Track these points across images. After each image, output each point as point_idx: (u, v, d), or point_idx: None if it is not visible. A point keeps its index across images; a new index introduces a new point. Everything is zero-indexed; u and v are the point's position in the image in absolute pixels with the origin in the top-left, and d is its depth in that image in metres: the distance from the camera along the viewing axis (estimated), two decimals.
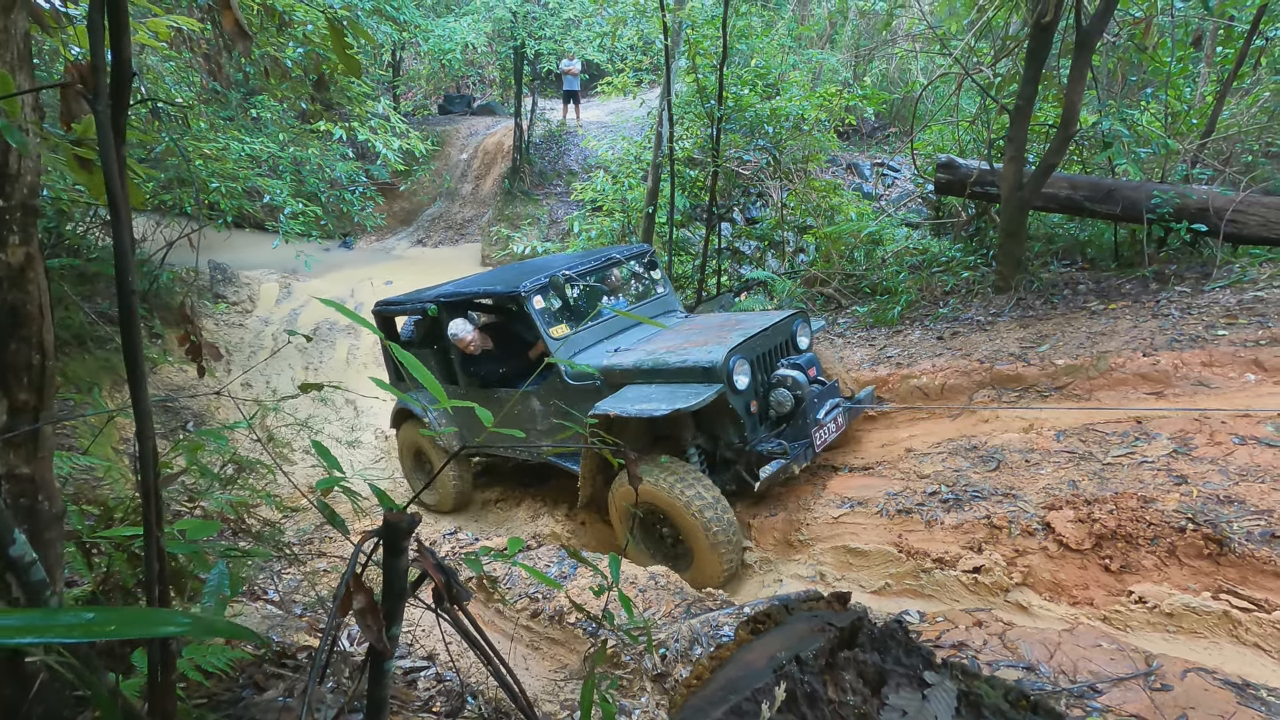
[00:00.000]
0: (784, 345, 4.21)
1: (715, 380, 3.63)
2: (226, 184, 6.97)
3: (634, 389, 3.82)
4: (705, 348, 3.82)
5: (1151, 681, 2.06)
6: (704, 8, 8.77)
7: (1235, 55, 6.13)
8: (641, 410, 3.50)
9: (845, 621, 0.69)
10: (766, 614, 0.82)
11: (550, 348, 4.22)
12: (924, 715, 0.58)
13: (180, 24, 3.20)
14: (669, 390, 3.66)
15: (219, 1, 1.48)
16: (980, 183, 6.61)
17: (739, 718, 0.55)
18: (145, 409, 0.83)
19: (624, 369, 3.98)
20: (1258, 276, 5.24)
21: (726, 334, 4.02)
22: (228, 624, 0.70)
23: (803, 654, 0.61)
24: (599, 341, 4.45)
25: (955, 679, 0.64)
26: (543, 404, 4.37)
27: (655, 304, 5.05)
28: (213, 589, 1.34)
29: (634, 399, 3.65)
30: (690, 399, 3.47)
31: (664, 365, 3.82)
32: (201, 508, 2.81)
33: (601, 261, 4.83)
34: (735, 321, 4.39)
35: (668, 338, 4.25)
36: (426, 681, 2.80)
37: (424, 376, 1.17)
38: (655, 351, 3.98)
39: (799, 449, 3.82)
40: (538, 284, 4.32)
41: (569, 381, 4.17)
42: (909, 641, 0.68)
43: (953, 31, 7.31)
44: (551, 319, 4.34)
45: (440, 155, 14.59)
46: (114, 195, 0.77)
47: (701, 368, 3.69)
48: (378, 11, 9.28)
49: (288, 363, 7.77)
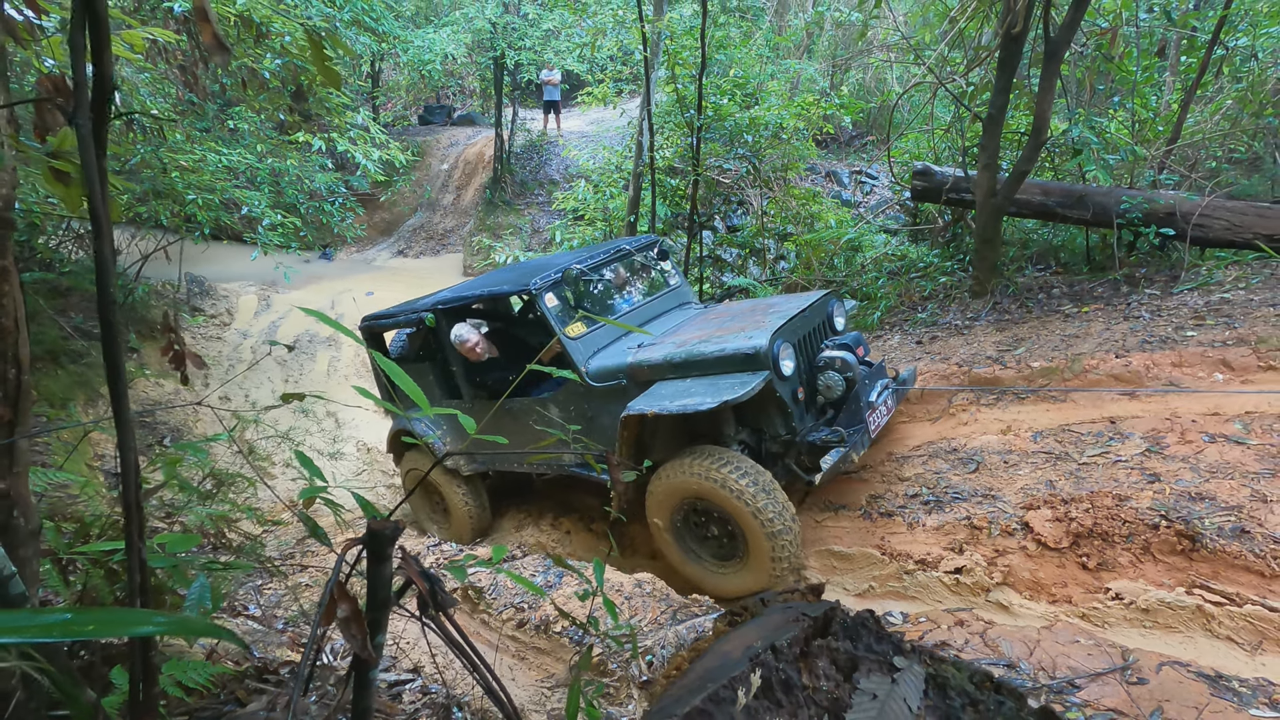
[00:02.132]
0: (821, 327, 3.94)
1: (759, 367, 3.35)
2: (204, 196, 6.90)
3: (667, 385, 3.54)
4: (743, 334, 3.52)
5: (1128, 676, 2.11)
6: (682, 19, 8.86)
7: (1198, 64, 6.31)
8: (684, 406, 3.21)
9: (819, 612, 0.71)
10: (743, 607, 0.85)
11: (568, 349, 3.88)
12: (893, 698, 0.61)
13: (156, 35, 3.18)
14: (708, 383, 3.39)
15: (197, 15, 1.48)
16: (956, 189, 6.73)
17: (716, 705, 0.57)
18: (127, 420, 0.83)
19: (652, 364, 3.66)
20: (1224, 279, 5.38)
21: (762, 318, 3.73)
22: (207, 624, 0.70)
23: (778, 643, 0.63)
24: (617, 338, 4.13)
25: (923, 663, 0.67)
26: (562, 411, 4.06)
27: (669, 296, 4.71)
28: (193, 603, 1.33)
29: (670, 395, 3.38)
30: (736, 389, 3.20)
31: (699, 356, 3.53)
32: (180, 522, 2.78)
33: (611, 254, 4.51)
34: (766, 306, 4.09)
35: (695, 328, 3.97)
36: (412, 694, 2.78)
37: (409, 387, 1.17)
38: (686, 343, 3.68)
39: (856, 436, 3.51)
40: (549, 280, 4.01)
41: (591, 384, 3.86)
42: (879, 629, 0.70)
43: (926, 41, 7.45)
44: (565, 317, 4.02)
45: (421, 166, 14.55)
46: (95, 210, 0.78)
47: (743, 355, 3.39)
48: (356, 22, 9.26)
49: (267, 375, 7.69)
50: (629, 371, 3.75)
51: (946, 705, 0.63)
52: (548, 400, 4.08)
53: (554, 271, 4.10)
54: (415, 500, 5.11)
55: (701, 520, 3.53)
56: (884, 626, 0.70)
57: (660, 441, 3.77)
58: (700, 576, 3.57)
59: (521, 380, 4.30)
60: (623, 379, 3.78)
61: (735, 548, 3.40)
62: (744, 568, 3.35)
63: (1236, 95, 6.60)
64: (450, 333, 4.30)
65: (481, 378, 4.44)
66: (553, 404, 4.07)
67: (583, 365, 3.87)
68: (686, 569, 3.63)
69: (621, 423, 3.48)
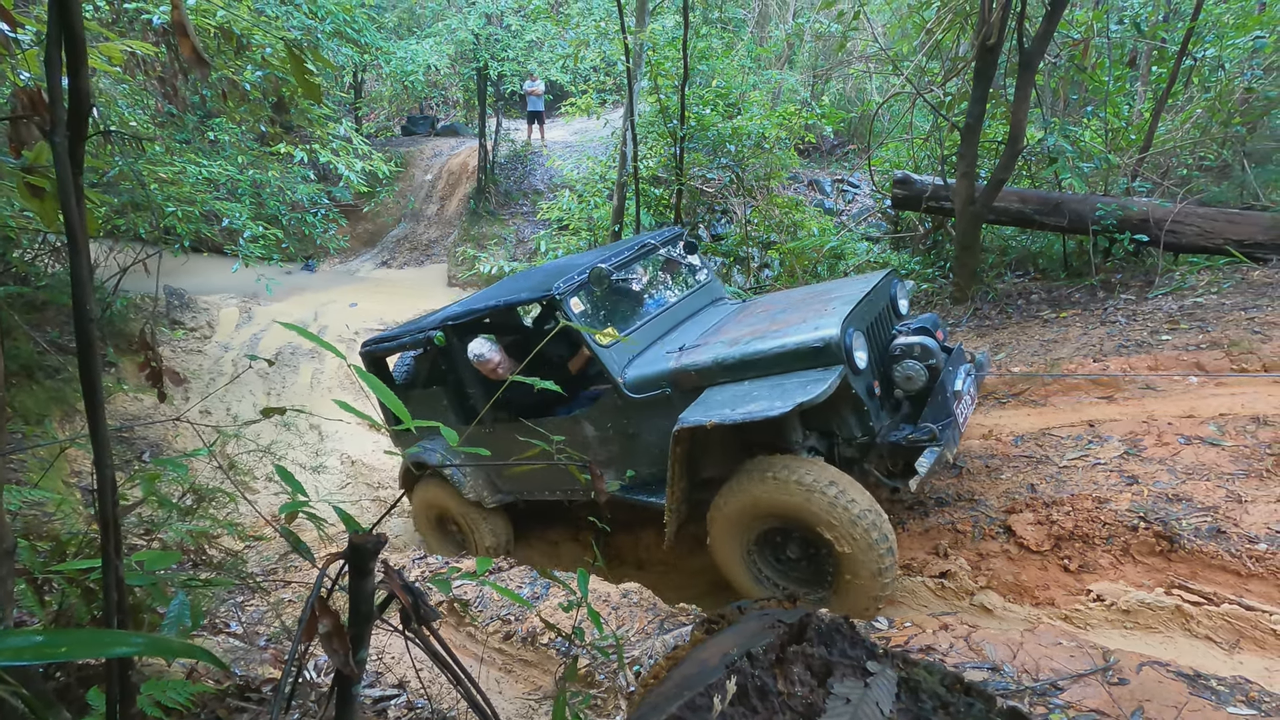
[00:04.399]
0: (886, 311, 3.55)
1: (830, 361, 2.95)
2: (183, 208, 6.84)
3: (720, 391, 3.14)
4: (806, 325, 3.13)
5: (1109, 676, 2.13)
6: (665, 30, 8.94)
7: (1168, 74, 6.47)
8: (749, 414, 2.81)
9: (794, 618, 0.72)
10: (721, 615, 0.85)
11: (601, 359, 3.48)
12: (866, 701, 0.62)
13: (134, 48, 3.16)
14: (771, 384, 3.00)
15: (176, 29, 1.48)
16: (935, 198, 6.83)
17: (693, 712, 0.57)
18: (103, 436, 0.83)
19: (700, 368, 3.25)
20: (1196, 283, 5.49)
21: (824, 305, 3.33)
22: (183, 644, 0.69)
23: (754, 650, 0.64)
24: (652, 343, 3.74)
25: (896, 667, 0.69)
26: (597, 428, 3.61)
27: (701, 293, 4.29)
28: (173, 621, 1.32)
29: (729, 401, 2.99)
30: (810, 389, 2.80)
31: (756, 354, 3.12)
32: (160, 540, 2.74)
33: (636, 250, 4.09)
34: (822, 293, 3.67)
35: (741, 324, 3.57)
36: (397, 710, 2.75)
37: (395, 405, 1.16)
38: (738, 341, 3.28)
39: (947, 431, 3.09)
40: (574, 283, 3.60)
41: (629, 395, 3.43)
42: (854, 635, 0.71)
43: (904, 52, 7.57)
44: (594, 324, 3.65)
45: (404, 177, 14.52)
46: (71, 225, 0.77)
47: (810, 348, 2.99)
48: (338, 34, 9.24)
49: (249, 389, 7.60)
50: (673, 378, 3.34)
51: (918, 708, 0.64)
52: (580, 418, 3.65)
53: (577, 273, 3.66)
54: (427, 531, 4.75)
55: (778, 542, 3.10)
56: (858, 632, 0.72)
57: (713, 456, 3.35)
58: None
59: (547, 398, 3.86)
60: (666, 388, 3.36)
61: (820, 572, 2.99)
62: (834, 594, 2.92)
63: (1205, 104, 6.76)
64: (466, 352, 3.91)
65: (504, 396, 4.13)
66: (586, 422, 3.63)
67: (619, 375, 3.46)
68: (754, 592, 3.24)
69: (674, 437, 3.00)
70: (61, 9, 0.81)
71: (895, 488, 3.19)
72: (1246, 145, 6.67)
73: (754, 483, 2.95)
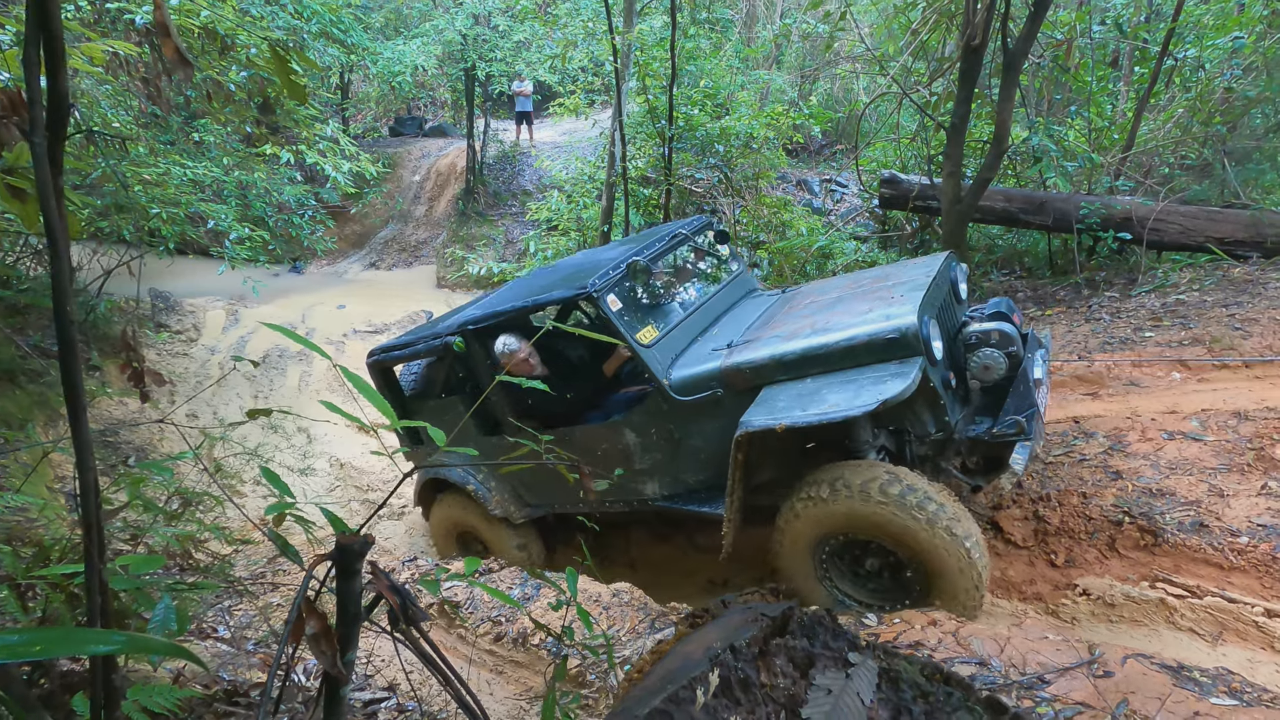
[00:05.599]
0: (950, 298, 3.31)
1: (907, 353, 2.72)
2: (168, 210, 6.77)
3: (781, 390, 2.89)
4: (874, 315, 2.89)
5: (1094, 670, 2.15)
6: (653, 30, 8.95)
7: (1150, 75, 6.54)
8: (826, 414, 2.57)
9: (777, 612, 0.73)
10: (705, 609, 0.86)
11: (644, 360, 3.21)
12: (847, 692, 0.63)
13: (117, 48, 3.13)
14: (841, 380, 2.76)
15: (159, 29, 1.47)
16: (922, 197, 6.88)
17: (676, 705, 0.58)
18: (85, 439, 0.82)
19: (756, 366, 3.00)
20: (1179, 281, 5.56)
21: (890, 293, 3.08)
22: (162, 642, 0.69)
23: (737, 643, 0.65)
24: (694, 340, 3.49)
25: (877, 658, 0.70)
26: (640, 434, 3.33)
27: (735, 286, 4.04)
28: (158, 625, 1.30)
29: (795, 401, 2.75)
30: (894, 383, 2.58)
31: (821, 349, 2.87)
32: (145, 544, 2.71)
33: (668, 241, 3.82)
34: (881, 278, 3.41)
35: (793, 317, 3.31)
36: (388, 713, 2.74)
37: (382, 407, 1.16)
38: (794, 335, 3.03)
39: (1034, 424, 2.87)
40: (610, 279, 3.31)
41: (676, 398, 3.17)
42: (836, 627, 0.72)
43: (890, 53, 7.62)
44: (631, 322, 3.34)
45: (392, 178, 14.45)
46: (51, 227, 0.77)
47: (883, 340, 2.74)
48: (324, 34, 9.19)
49: (236, 392, 7.54)
50: (724, 378, 3.08)
51: (898, 698, 0.65)
52: (619, 425, 3.38)
53: (612, 268, 3.37)
54: (448, 550, 4.51)
55: (855, 554, 2.87)
56: (840, 624, 0.73)
57: (770, 459, 3.09)
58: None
59: (578, 404, 3.68)
60: (716, 388, 3.10)
61: (902, 586, 2.77)
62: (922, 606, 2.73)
63: (1187, 104, 6.85)
64: (492, 350, 3.64)
65: (533, 401, 3.66)
66: (626, 429, 3.36)
67: (663, 377, 3.20)
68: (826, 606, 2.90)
69: (735, 444, 2.75)
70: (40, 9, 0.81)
71: (976, 486, 3.01)
72: (1226, 144, 6.77)
73: (833, 494, 2.69)
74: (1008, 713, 0.65)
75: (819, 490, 2.73)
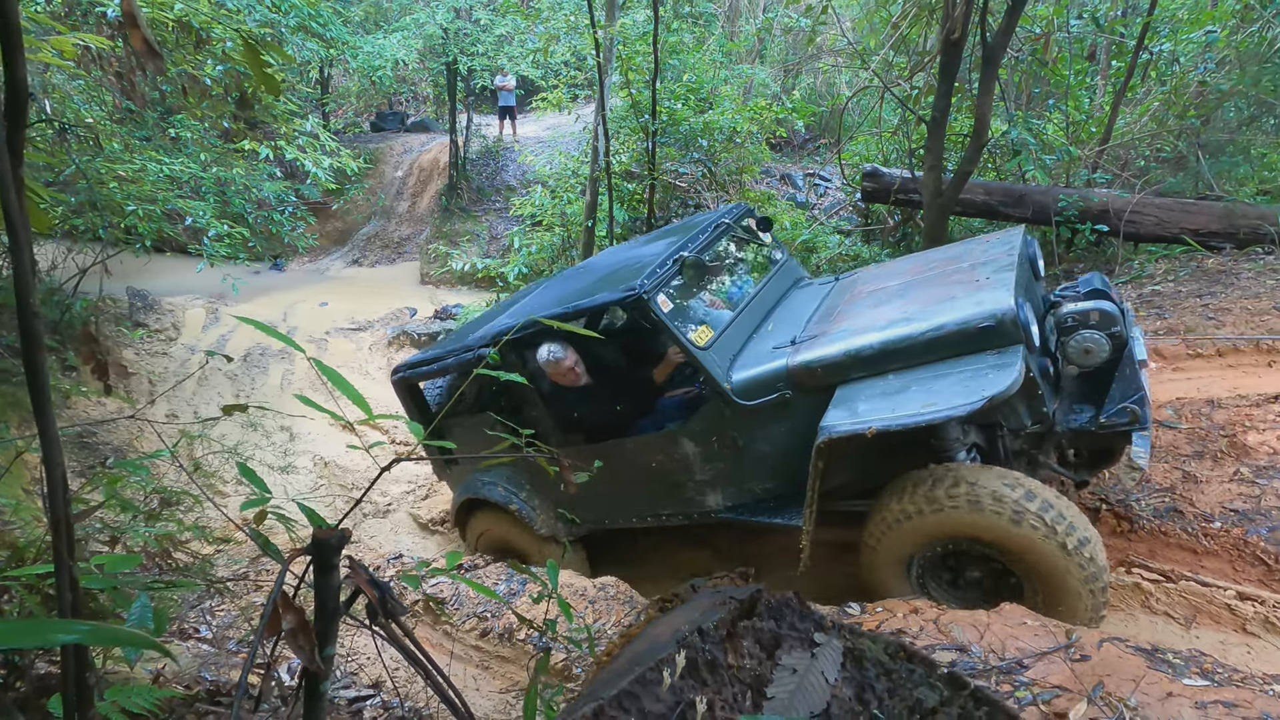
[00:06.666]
0: (1030, 278, 3.05)
1: (1005, 340, 2.47)
2: (144, 206, 6.66)
3: (861, 388, 2.66)
4: (961, 301, 2.66)
5: (1071, 654, 2.19)
6: (635, 24, 8.92)
7: (1126, 68, 6.63)
8: (924, 415, 2.33)
9: (745, 595, 0.74)
10: (675, 593, 0.87)
11: (702, 363, 2.95)
12: (812, 671, 0.64)
13: (88, 41, 3.08)
14: (933, 374, 2.53)
15: (126, 19, 1.44)
16: (904, 190, 6.93)
17: (643, 686, 0.59)
18: (52, 434, 0.81)
19: (828, 363, 2.76)
20: (1154, 272, 5.65)
21: (972, 276, 2.83)
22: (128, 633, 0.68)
23: (704, 625, 0.66)
24: (749, 338, 3.24)
25: (842, 638, 0.71)
26: (699, 443, 3.08)
27: (782, 276, 3.79)
28: (134, 624, 1.29)
29: (881, 401, 2.53)
30: (998, 376, 2.33)
31: (902, 341, 2.63)
32: (125, 545, 2.68)
33: (711, 231, 3.56)
34: (950, 261, 3.15)
35: (862, 308, 3.06)
36: (373, 710, 2.74)
37: (356, 399, 1.16)
38: (870, 327, 2.80)
39: (1146, 409, 2.63)
40: (659, 277, 3.04)
41: (739, 402, 2.92)
42: (803, 609, 0.74)
43: (872, 47, 7.66)
44: (686, 322, 3.09)
45: (374, 173, 14.32)
46: (11, 218, 0.76)
47: (978, 328, 2.49)
48: (302, 28, 9.06)
49: (217, 391, 7.45)
50: (792, 378, 2.84)
51: (862, 676, 0.67)
52: (676, 435, 3.13)
53: (658, 265, 3.11)
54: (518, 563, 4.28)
55: (953, 564, 2.68)
56: (807, 606, 0.74)
57: (843, 469, 2.84)
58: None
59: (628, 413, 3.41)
60: (784, 390, 2.86)
61: (1003, 594, 2.60)
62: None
63: (1162, 97, 6.95)
64: (530, 360, 3.42)
65: (580, 412, 3.42)
66: (683, 438, 3.11)
67: (724, 381, 2.95)
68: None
69: (816, 450, 2.50)
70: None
71: (1082, 481, 2.84)
72: (1200, 137, 6.87)
73: (933, 501, 2.47)
74: (968, 688, 0.67)
75: (915, 499, 2.51)
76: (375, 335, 9.13)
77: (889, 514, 2.59)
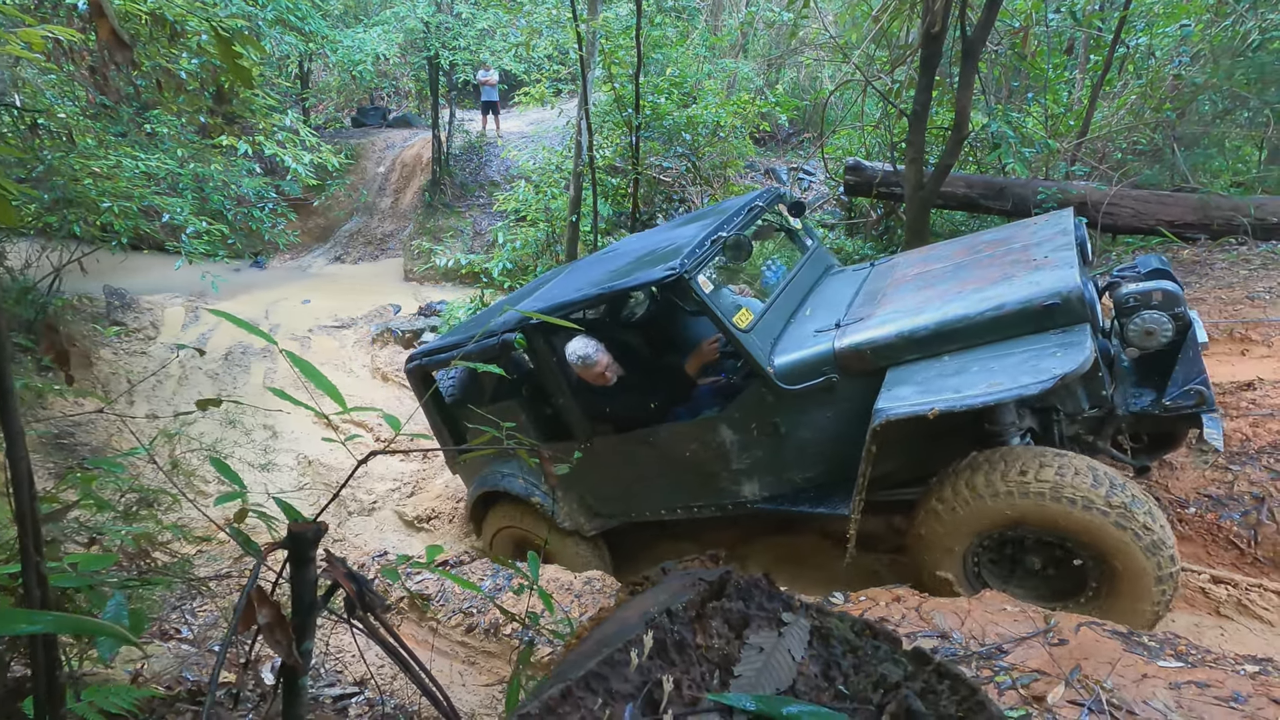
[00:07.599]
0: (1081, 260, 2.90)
1: (1070, 319, 2.39)
2: (120, 203, 6.55)
3: (914, 369, 2.58)
4: (1022, 280, 2.57)
5: (1050, 638, 2.23)
6: (618, 18, 8.90)
7: (1103, 62, 6.71)
8: (992, 395, 2.22)
9: (715, 576, 0.75)
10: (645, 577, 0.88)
11: (744, 346, 2.84)
12: (779, 650, 0.65)
13: (58, 34, 3.02)
14: (993, 354, 2.44)
15: (93, 10, 1.42)
16: (886, 183, 6.97)
17: (610, 667, 0.59)
18: (16, 427, 0.80)
19: (879, 345, 2.69)
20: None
21: (1028, 255, 2.77)
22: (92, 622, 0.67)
23: (673, 607, 0.67)
24: (789, 320, 3.16)
25: (810, 617, 0.72)
26: (738, 430, 2.98)
27: (815, 261, 3.72)
28: (110, 622, 1.27)
29: (939, 382, 2.43)
30: (1068, 355, 2.24)
31: (959, 321, 2.55)
32: (102, 545, 2.64)
33: (746, 214, 3.45)
34: (999, 243, 3.07)
35: (909, 290, 2.97)
36: (358, 708, 2.72)
37: (328, 389, 1.15)
38: (922, 308, 2.72)
39: (1209, 392, 2.57)
40: (699, 257, 2.93)
41: (782, 387, 2.83)
42: (772, 589, 0.75)
43: (854, 41, 7.68)
44: (726, 306, 2.99)
45: (356, 169, 14.18)
46: None
47: (1041, 306, 2.41)
48: (280, 21, 8.95)
49: (198, 390, 7.36)
50: (839, 361, 2.76)
51: (828, 653, 0.68)
52: (713, 421, 3.03)
53: (697, 245, 2.99)
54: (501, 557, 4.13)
55: (1012, 552, 2.58)
56: (776, 586, 0.75)
57: (898, 449, 2.72)
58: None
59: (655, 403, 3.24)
60: (830, 373, 2.78)
61: (1074, 582, 2.49)
62: (1097, 608, 2.42)
63: (1138, 91, 7.04)
64: (559, 348, 3.30)
65: (611, 405, 3.30)
66: (721, 425, 3.01)
67: (767, 365, 2.86)
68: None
69: (872, 434, 2.40)
70: None
71: (1144, 467, 2.77)
72: (1176, 130, 6.97)
73: (981, 487, 2.39)
74: (931, 663, 0.68)
75: (971, 485, 2.42)
76: (359, 332, 9.06)
77: (943, 500, 2.50)
